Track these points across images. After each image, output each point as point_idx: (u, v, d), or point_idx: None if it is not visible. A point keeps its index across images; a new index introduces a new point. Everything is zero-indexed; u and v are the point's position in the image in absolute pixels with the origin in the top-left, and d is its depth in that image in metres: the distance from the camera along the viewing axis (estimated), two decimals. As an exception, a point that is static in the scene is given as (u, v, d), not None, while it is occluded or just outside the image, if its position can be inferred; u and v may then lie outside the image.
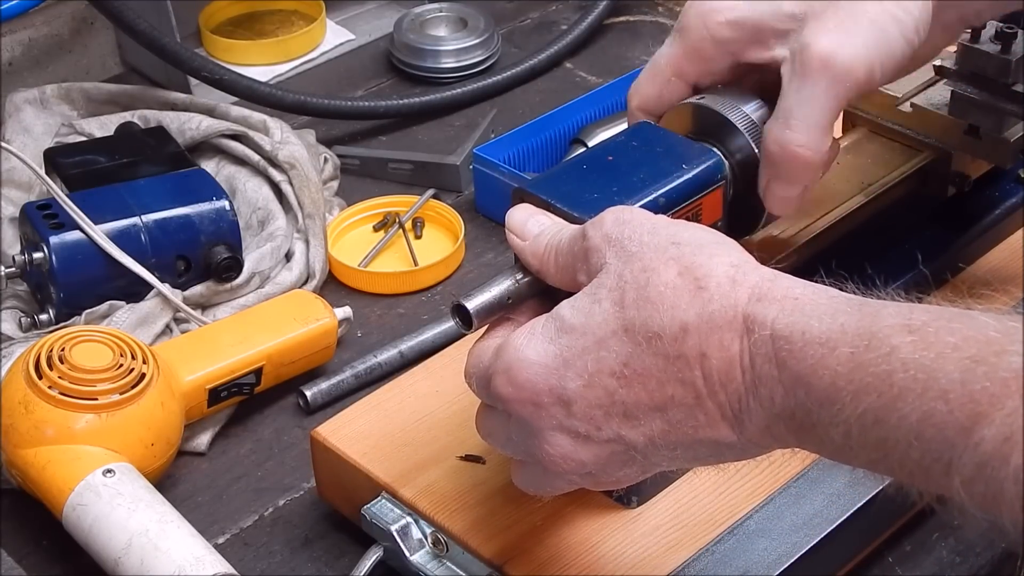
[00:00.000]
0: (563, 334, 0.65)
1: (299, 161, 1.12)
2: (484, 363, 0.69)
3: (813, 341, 0.59)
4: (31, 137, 1.18)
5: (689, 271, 0.62)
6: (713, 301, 0.61)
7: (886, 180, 0.93)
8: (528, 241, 0.71)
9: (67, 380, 0.86)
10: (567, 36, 1.37)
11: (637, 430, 0.64)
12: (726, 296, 0.61)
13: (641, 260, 0.63)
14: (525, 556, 0.78)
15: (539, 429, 0.66)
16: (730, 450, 0.64)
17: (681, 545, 0.78)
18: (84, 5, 1.32)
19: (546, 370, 0.65)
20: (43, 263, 0.99)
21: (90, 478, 0.84)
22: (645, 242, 0.64)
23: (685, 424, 0.63)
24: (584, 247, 0.67)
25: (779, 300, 0.61)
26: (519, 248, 0.71)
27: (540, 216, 0.72)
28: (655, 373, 0.62)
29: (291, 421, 0.99)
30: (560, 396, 0.65)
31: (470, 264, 1.13)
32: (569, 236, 0.68)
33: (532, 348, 0.65)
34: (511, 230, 0.72)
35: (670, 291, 0.62)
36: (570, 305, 0.65)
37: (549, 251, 0.69)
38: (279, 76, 1.36)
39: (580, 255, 0.67)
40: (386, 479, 0.83)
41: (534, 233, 0.71)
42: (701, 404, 0.62)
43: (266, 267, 1.06)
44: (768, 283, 0.62)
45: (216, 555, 0.81)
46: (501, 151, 1.17)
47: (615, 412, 0.64)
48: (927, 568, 0.85)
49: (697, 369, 0.61)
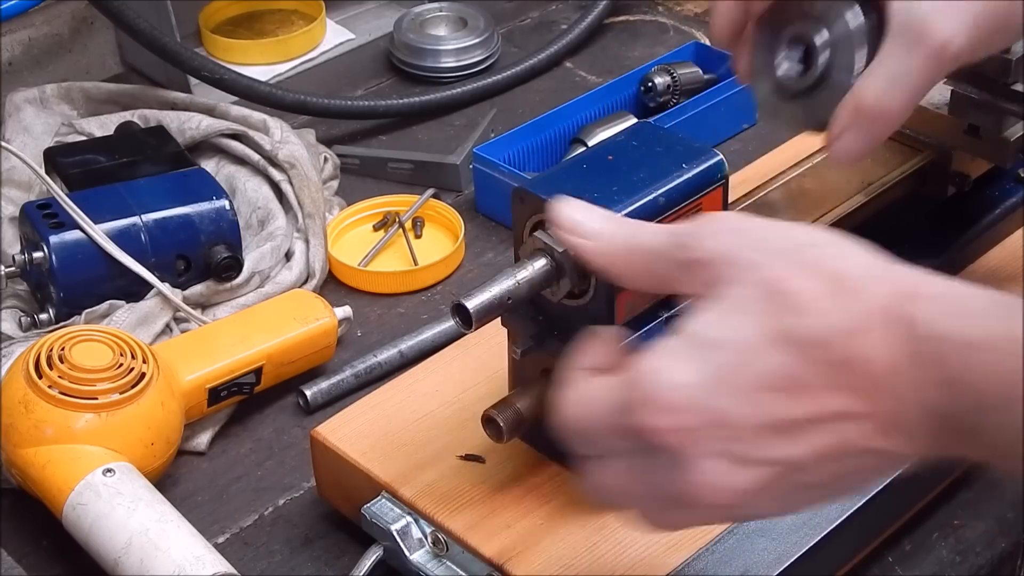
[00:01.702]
0: (707, 351, 0.59)
1: (299, 161, 1.12)
2: (607, 405, 0.61)
3: (976, 342, 0.56)
4: (31, 137, 1.18)
5: (831, 275, 0.59)
6: (863, 302, 0.58)
7: (886, 179, 0.93)
8: (595, 241, 0.66)
9: (67, 379, 0.86)
10: (567, 36, 1.37)
11: (801, 446, 0.58)
12: (876, 297, 0.58)
13: (776, 269, 0.59)
14: (525, 556, 0.78)
15: (691, 458, 0.59)
16: (895, 461, 0.60)
17: (681, 545, 0.78)
18: (84, 5, 1.32)
19: (699, 391, 0.58)
20: (43, 263, 0.99)
21: (90, 477, 0.84)
22: (775, 249, 0.60)
23: (854, 434, 0.58)
24: (689, 258, 0.62)
25: (931, 298, 0.58)
26: (581, 247, 0.67)
27: (594, 212, 0.68)
28: (819, 382, 0.58)
29: (291, 421, 0.99)
30: (717, 418, 0.58)
31: (470, 264, 1.13)
32: (659, 242, 0.64)
33: (676, 370, 0.59)
34: (563, 227, 0.67)
35: (818, 297, 0.58)
36: (704, 321, 0.60)
37: (633, 254, 0.65)
38: (279, 76, 1.36)
39: (683, 265, 0.62)
40: (386, 478, 0.83)
41: (599, 231, 0.66)
42: (870, 411, 0.58)
43: (266, 267, 1.06)
44: (912, 280, 0.59)
45: (216, 555, 0.81)
46: (501, 151, 1.17)
47: (780, 429, 0.58)
48: (927, 568, 0.85)
49: (861, 373, 0.57)
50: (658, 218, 0.75)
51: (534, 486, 0.82)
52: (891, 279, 0.59)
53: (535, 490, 0.82)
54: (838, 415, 0.58)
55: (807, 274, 0.59)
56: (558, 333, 0.78)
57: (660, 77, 1.24)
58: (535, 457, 0.83)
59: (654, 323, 0.78)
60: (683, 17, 1.43)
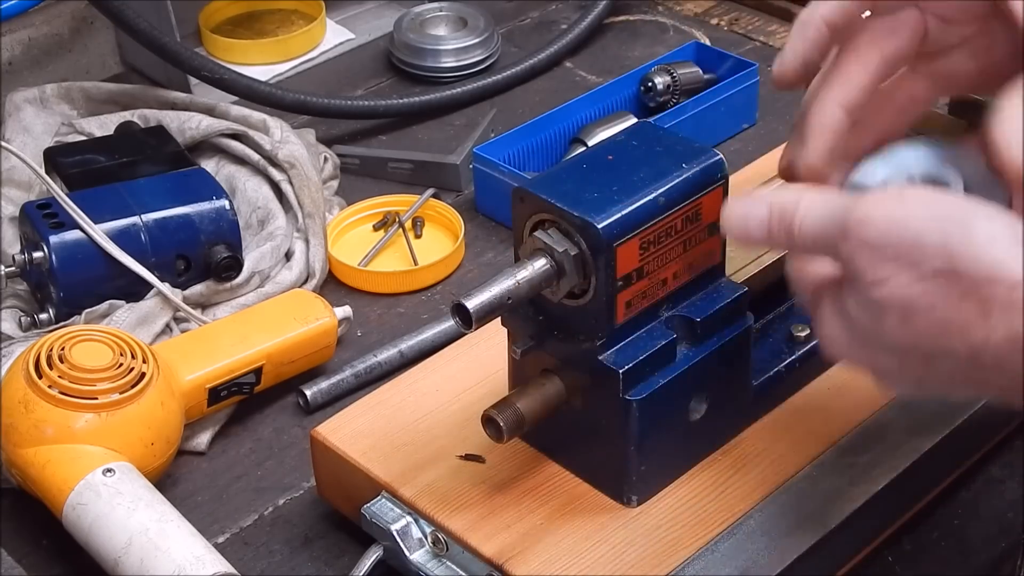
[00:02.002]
0: (857, 330, 0.64)
1: (299, 160, 1.12)
2: (808, 298, 0.68)
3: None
4: (31, 136, 1.18)
5: (969, 293, 0.60)
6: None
7: (886, 179, 0.93)
8: (766, 243, 0.69)
9: (67, 379, 0.86)
10: (567, 36, 1.37)
11: (959, 391, 0.64)
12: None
13: (921, 284, 0.61)
14: (525, 556, 0.78)
15: (874, 378, 0.66)
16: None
17: (681, 545, 0.78)
18: (84, 5, 1.32)
19: (857, 347, 0.65)
20: (43, 262, 0.99)
21: (90, 477, 0.84)
22: (916, 262, 0.61)
23: (996, 393, 0.63)
24: (839, 252, 0.63)
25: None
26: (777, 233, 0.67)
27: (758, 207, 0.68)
28: (960, 370, 0.62)
29: (291, 420, 0.99)
30: (876, 367, 0.65)
31: (470, 263, 1.13)
32: (821, 230, 0.64)
33: (837, 328, 0.65)
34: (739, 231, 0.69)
35: (956, 314, 0.60)
36: (855, 305, 0.64)
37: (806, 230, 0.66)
38: (279, 75, 1.36)
39: (835, 255, 0.64)
40: (386, 478, 0.83)
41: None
42: (1013, 390, 0.61)
43: (266, 266, 1.06)
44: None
45: (216, 554, 0.81)
46: (501, 150, 1.17)
47: (932, 383, 0.64)
48: (927, 568, 0.85)
49: (995, 374, 0.61)
50: (658, 218, 0.75)
51: (534, 486, 0.82)
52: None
53: (535, 490, 0.82)
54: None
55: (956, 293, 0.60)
56: (558, 333, 0.78)
57: (660, 77, 1.24)
58: (535, 457, 0.83)
59: (654, 322, 0.78)
60: (683, 17, 1.43)
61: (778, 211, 0.67)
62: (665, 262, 0.77)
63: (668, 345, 0.78)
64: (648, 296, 0.77)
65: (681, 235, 0.77)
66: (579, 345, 0.77)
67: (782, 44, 1.38)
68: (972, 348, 0.60)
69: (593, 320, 0.76)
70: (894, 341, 0.63)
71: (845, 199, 0.64)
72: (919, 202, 0.62)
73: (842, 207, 0.63)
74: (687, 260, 0.78)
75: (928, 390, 0.65)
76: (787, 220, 0.66)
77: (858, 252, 0.62)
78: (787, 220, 0.66)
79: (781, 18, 1.42)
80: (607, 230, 0.73)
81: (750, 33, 1.41)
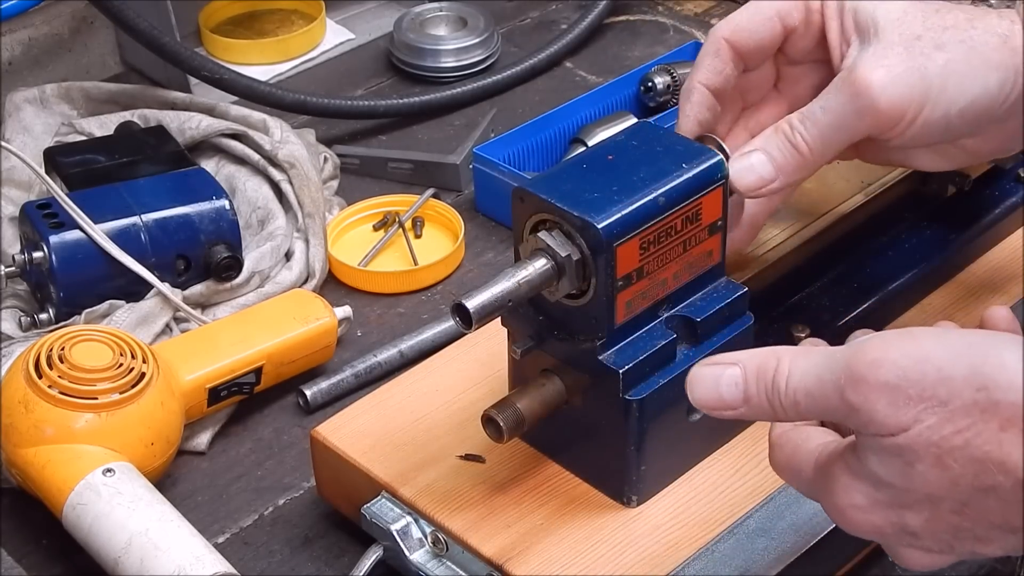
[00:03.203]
0: (883, 488, 0.60)
1: (299, 160, 1.12)
2: (805, 482, 0.65)
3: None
4: (31, 136, 1.18)
5: (1011, 422, 0.56)
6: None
7: (886, 179, 0.93)
8: (742, 409, 0.64)
9: (67, 379, 0.86)
10: (567, 36, 1.37)
11: (991, 546, 0.60)
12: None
13: (952, 423, 0.57)
14: (525, 556, 0.78)
15: (889, 546, 0.63)
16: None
17: (681, 545, 0.78)
18: (84, 4, 1.32)
19: (881, 510, 0.61)
20: (43, 262, 0.99)
21: (90, 477, 0.84)
22: (944, 400, 0.57)
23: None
24: (849, 403, 0.59)
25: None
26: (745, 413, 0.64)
27: (730, 374, 0.64)
28: (999, 508, 0.58)
29: (291, 420, 0.99)
30: (903, 528, 0.61)
31: (470, 263, 1.13)
32: (816, 383, 0.61)
33: (858, 494, 0.61)
34: (709, 406, 0.65)
35: (996, 447, 0.57)
36: (878, 461, 0.60)
37: (797, 403, 0.62)
38: (279, 75, 1.36)
39: (840, 410, 0.60)
40: (386, 478, 0.83)
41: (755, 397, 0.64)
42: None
43: (266, 266, 1.06)
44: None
45: (216, 554, 0.81)
46: (501, 150, 1.17)
47: (965, 536, 0.60)
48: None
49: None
50: (658, 218, 0.75)
51: (534, 486, 0.82)
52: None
53: (535, 490, 0.82)
54: (1019, 527, 0.59)
55: (995, 426, 0.57)
56: (558, 333, 0.78)
57: (660, 77, 1.24)
58: (535, 457, 0.83)
59: (654, 322, 0.78)
60: (683, 17, 1.43)
61: (754, 370, 0.63)
62: (665, 262, 0.77)
63: (668, 345, 0.78)
64: (648, 296, 0.77)
65: (681, 235, 0.77)
66: (579, 345, 0.77)
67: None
68: (1018, 478, 0.57)
69: (593, 320, 0.76)
70: (927, 491, 0.59)
71: (839, 349, 0.61)
72: (932, 337, 0.59)
73: (840, 355, 0.60)
74: (687, 260, 0.78)
75: (961, 548, 0.61)
76: (766, 379, 0.62)
77: (874, 398, 0.58)
78: (766, 379, 0.62)
79: (781, 18, 1.42)
80: (607, 230, 0.73)
81: (750, 33, 1.41)
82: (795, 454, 0.65)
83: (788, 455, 0.66)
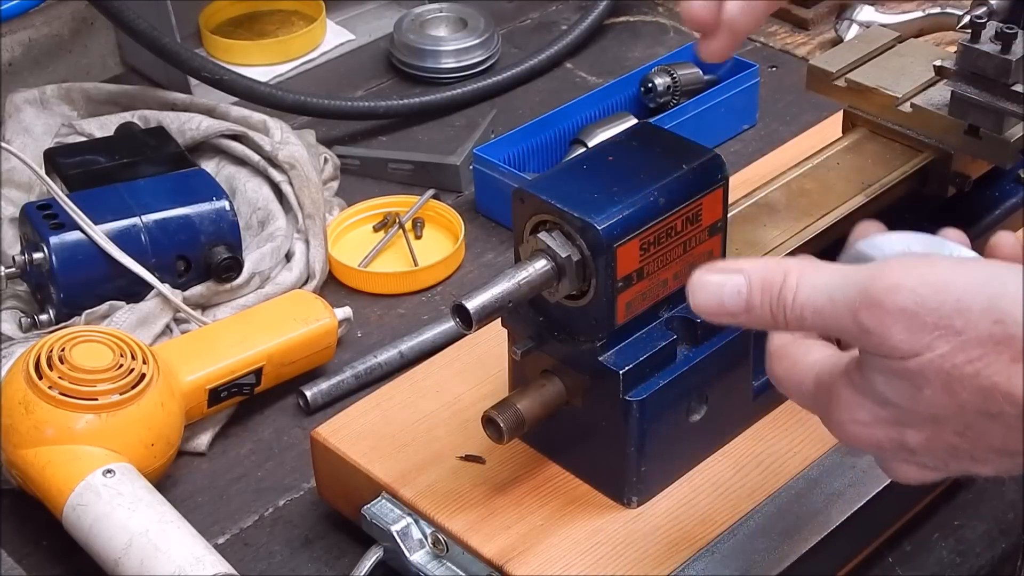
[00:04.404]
0: (887, 406, 0.60)
1: (299, 161, 1.12)
2: (806, 395, 0.65)
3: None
4: (31, 137, 1.18)
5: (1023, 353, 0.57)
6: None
7: (886, 180, 0.93)
8: (742, 317, 0.63)
9: (67, 380, 0.86)
10: (567, 36, 1.37)
11: (986, 467, 0.61)
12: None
13: (964, 352, 0.57)
14: (525, 557, 0.78)
15: (884, 460, 0.64)
16: None
17: (681, 545, 0.78)
18: (84, 5, 1.32)
19: (882, 427, 0.61)
20: (43, 263, 0.99)
21: (90, 478, 0.84)
22: (959, 330, 0.57)
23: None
24: (862, 325, 0.59)
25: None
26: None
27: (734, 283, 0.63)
28: (1000, 433, 0.59)
29: (291, 421, 0.99)
30: (901, 445, 0.61)
31: (470, 264, 1.13)
32: (827, 302, 0.61)
33: (861, 410, 0.61)
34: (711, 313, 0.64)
35: (1005, 378, 0.57)
36: (885, 382, 0.60)
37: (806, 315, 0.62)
38: (279, 76, 1.36)
39: (850, 331, 0.60)
40: (386, 479, 0.83)
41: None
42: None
43: (266, 267, 1.06)
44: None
45: (216, 555, 0.81)
46: (501, 151, 1.17)
47: (962, 456, 0.60)
48: (927, 568, 0.85)
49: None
50: (658, 219, 0.75)
51: (534, 487, 0.82)
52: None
53: (535, 491, 0.82)
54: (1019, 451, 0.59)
55: (1006, 358, 0.57)
56: (558, 334, 0.78)
57: (660, 78, 1.24)
58: (535, 458, 0.83)
59: (655, 323, 0.78)
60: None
61: (759, 280, 0.62)
62: (665, 263, 0.77)
63: (668, 346, 0.78)
64: (648, 297, 0.77)
65: (681, 236, 0.77)
66: (579, 346, 0.77)
67: (782, 45, 1.39)
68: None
69: (593, 321, 0.76)
70: (932, 413, 0.59)
71: (858, 268, 0.60)
72: (952, 266, 0.59)
73: (858, 275, 0.60)
74: (687, 261, 0.78)
75: (957, 467, 0.61)
76: (772, 291, 0.62)
77: (890, 322, 0.58)
78: (772, 291, 0.62)
79: (781, 19, 1.42)
80: (607, 231, 0.73)
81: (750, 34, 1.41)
82: (795, 366, 0.65)
83: (787, 368, 0.65)
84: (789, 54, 1.38)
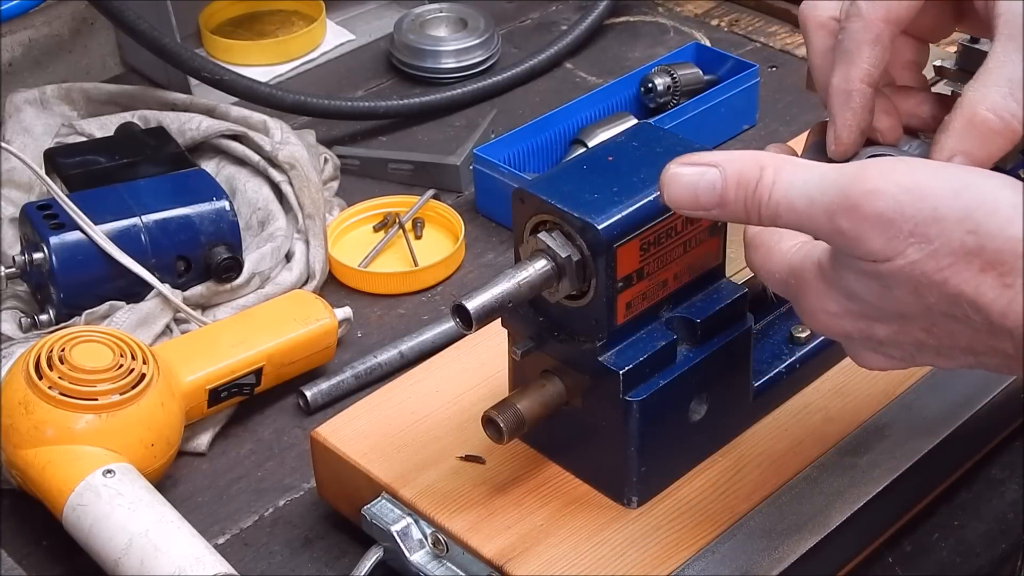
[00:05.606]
0: (857, 301, 0.62)
1: (299, 161, 1.12)
2: (779, 283, 0.66)
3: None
4: (31, 137, 1.18)
5: (992, 265, 0.57)
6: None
7: (886, 180, 0.93)
8: (715, 211, 0.63)
9: (67, 380, 0.86)
10: (567, 36, 1.37)
11: (951, 362, 0.62)
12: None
13: (935, 260, 0.58)
14: (525, 557, 0.78)
15: (851, 348, 0.65)
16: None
17: (681, 546, 0.78)
18: (84, 5, 1.32)
19: (851, 318, 0.62)
20: (43, 263, 0.99)
21: (90, 478, 0.84)
22: (931, 238, 0.58)
23: (996, 360, 0.61)
24: (838, 227, 0.59)
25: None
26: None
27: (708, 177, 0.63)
28: (966, 334, 0.60)
29: (291, 421, 0.99)
30: (869, 336, 0.63)
31: (470, 264, 1.13)
32: (804, 201, 0.61)
33: (831, 301, 0.62)
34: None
35: (972, 287, 0.58)
36: (855, 279, 0.61)
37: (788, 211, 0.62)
38: (279, 76, 1.36)
39: (824, 230, 0.60)
40: (386, 479, 0.83)
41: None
42: (1016, 357, 0.59)
43: (266, 267, 1.06)
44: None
45: (216, 555, 0.81)
46: (501, 151, 1.17)
47: (928, 351, 0.62)
48: (927, 569, 0.85)
49: (1008, 340, 0.59)
50: (658, 219, 0.75)
51: (534, 487, 0.82)
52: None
53: (535, 491, 0.82)
54: (981, 353, 0.61)
55: (976, 267, 0.58)
56: (558, 334, 0.78)
57: (660, 78, 1.24)
58: (535, 458, 0.83)
59: (655, 323, 0.78)
60: (683, 18, 1.43)
61: (735, 175, 0.62)
62: (665, 263, 0.77)
63: (668, 346, 0.78)
64: (648, 297, 0.77)
65: (681, 236, 0.77)
66: (579, 346, 0.77)
67: (782, 45, 1.39)
68: (988, 317, 0.58)
69: (593, 321, 0.76)
70: (900, 311, 0.60)
71: (836, 168, 0.60)
72: (931, 171, 0.59)
73: (837, 176, 0.59)
74: (687, 261, 0.78)
75: (922, 359, 0.63)
76: (747, 187, 0.61)
77: (867, 227, 0.58)
78: (747, 187, 0.61)
79: (781, 19, 1.42)
80: (607, 231, 0.73)
81: (750, 34, 1.41)
82: (769, 254, 0.66)
83: (763, 256, 0.66)
84: (789, 54, 1.38)
